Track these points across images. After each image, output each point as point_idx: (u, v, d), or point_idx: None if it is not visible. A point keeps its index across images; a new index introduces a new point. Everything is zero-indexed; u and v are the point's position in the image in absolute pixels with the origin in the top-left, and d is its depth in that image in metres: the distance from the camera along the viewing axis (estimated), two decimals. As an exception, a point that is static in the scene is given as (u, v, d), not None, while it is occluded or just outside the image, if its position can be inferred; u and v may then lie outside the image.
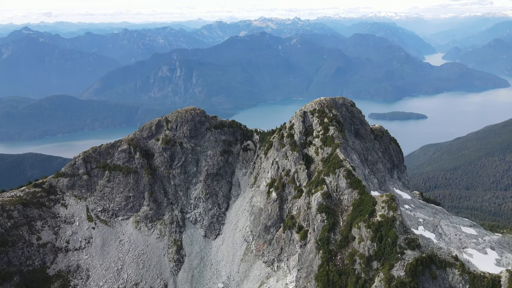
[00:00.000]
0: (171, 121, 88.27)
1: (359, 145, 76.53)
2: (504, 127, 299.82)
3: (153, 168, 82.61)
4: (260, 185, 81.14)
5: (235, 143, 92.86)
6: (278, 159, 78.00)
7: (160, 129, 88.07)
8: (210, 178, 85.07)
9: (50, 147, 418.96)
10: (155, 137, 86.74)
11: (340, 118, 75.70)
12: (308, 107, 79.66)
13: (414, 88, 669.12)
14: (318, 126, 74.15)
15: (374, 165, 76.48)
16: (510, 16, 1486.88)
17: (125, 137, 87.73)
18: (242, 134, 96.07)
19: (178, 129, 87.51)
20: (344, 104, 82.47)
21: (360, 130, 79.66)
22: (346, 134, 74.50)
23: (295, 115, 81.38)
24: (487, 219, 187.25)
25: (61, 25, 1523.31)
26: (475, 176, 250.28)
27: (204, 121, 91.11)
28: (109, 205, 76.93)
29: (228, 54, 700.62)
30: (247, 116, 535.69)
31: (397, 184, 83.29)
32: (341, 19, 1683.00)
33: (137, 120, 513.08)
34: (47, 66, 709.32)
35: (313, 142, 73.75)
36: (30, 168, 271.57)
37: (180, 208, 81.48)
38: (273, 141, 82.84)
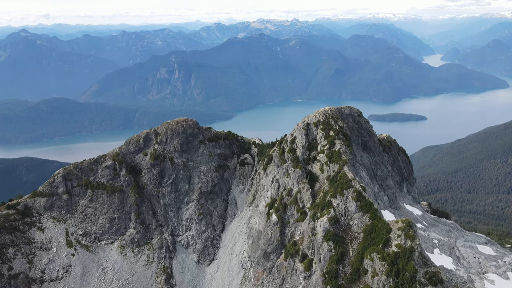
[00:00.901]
0: (161, 134, 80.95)
1: (368, 159, 69.99)
2: (506, 129, 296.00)
3: (141, 186, 75.54)
4: (258, 205, 74.27)
5: (231, 156, 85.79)
6: (279, 176, 71.26)
7: (148, 143, 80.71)
8: (204, 197, 77.96)
9: (47, 151, 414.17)
10: (143, 152, 79.37)
11: (347, 131, 69.01)
12: (311, 118, 72.60)
13: (413, 89, 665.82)
14: (323, 140, 67.63)
15: (384, 180, 70.09)
16: (508, 17, 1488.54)
17: (110, 152, 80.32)
18: (239, 146, 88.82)
19: (168, 142, 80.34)
20: (351, 114, 75.83)
21: (368, 143, 72.91)
22: (354, 148, 68.05)
23: (297, 127, 74.27)
24: (491, 223, 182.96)
25: (59, 27, 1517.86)
26: (477, 179, 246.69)
27: (197, 133, 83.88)
28: (92, 228, 69.84)
29: (227, 56, 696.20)
30: (246, 118, 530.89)
31: (407, 198, 77.32)
32: (340, 21, 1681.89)
33: (135, 122, 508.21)
34: (44, 69, 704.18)
35: (318, 158, 67.18)
36: (26, 172, 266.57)
37: (170, 230, 74.31)
38: (273, 155, 76.11)
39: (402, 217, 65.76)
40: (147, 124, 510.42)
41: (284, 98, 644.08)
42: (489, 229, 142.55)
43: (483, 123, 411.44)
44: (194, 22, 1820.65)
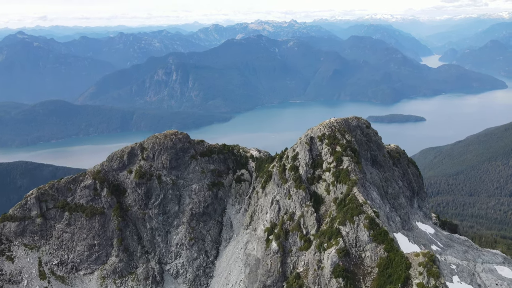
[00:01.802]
0: (147, 148, 73.25)
1: (377, 175, 63.26)
2: (506, 130, 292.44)
3: (124, 208, 67.91)
4: (256, 228, 66.69)
5: (226, 172, 77.85)
6: (279, 197, 63.77)
7: (133, 159, 72.98)
8: (196, 219, 70.20)
9: (43, 154, 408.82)
10: (127, 169, 71.82)
11: (355, 145, 61.85)
12: (315, 132, 65.06)
13: (412, 90, 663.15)
14: (329, 156, 60.60)
15: (396, 199, 63.63)
16: (505, 17, 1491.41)
17: (90, 169, 73.08)
18: (234, 161, 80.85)
19: (155, 158, 72.80)
20: (359, 126, 68.47)
21: (378, 157, 66.16)
22: (363, 164, 61.36)
23: (299, 141, 66.62)
24: (494, 227, 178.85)
25: (57, 29, 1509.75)
26: (478, 182, 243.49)
27: (188, 148, 76.21)
28: (68, 256, 62.36)
29: (225, 57, 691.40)
30: (244, 120, 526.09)
31: (418, 215, 70.95)
32: (338, 22, 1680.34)
33: (133, 125, 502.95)
34: (41, 71, 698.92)
35: (323, 177, 60.16)
36: (20, 177, 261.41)
37: (157, 258, 66.81)
38: (272, 172, 68.80)
39: (415, 239, 59.99)
40: (145, 126, 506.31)
41: (283, 99, 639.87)
42: (495, 237, 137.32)
43: (483, 124, 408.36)
44: (192, 23, 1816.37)
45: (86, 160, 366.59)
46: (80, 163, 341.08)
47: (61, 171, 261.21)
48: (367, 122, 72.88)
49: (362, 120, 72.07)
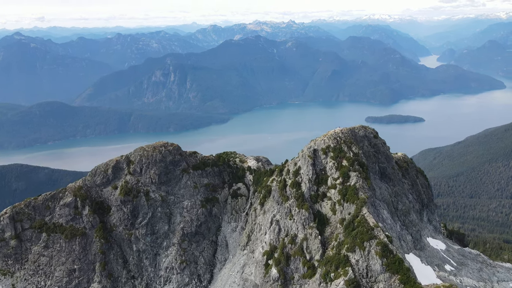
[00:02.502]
0: (134, 162, 67.26)
1: (387, 190, 58.44)
2: (506, 131, 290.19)
3: (108, 228, 61.95)
4: (254, 250, 60.80)
5: (221, 187, 71.91)
6: (280, 216, 58.17)
7: (119, 173, 67.11)
8: (188, 239, 64.06)
9: (40, 156, 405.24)
10: (111, 185, 66.09)
11: (363, 158, 56.85)
12: (319, 144, 59.50)
13: (411, 91, 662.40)
14: (335, 171, 55.46)
15: (406, 215, 58.95)
16: (503, 17, 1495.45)
17: (71, 185, 66.90)
18: (230, 173, 74.92)
19: (143, 173, 66.92)
20: (366, 136, 63.77)
21: (387, 169, 61.31)
22: (371, 179, 56.36)
23: (301, 154, 61.13)
24: (496, 231, 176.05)
25: (54, 30, 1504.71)
26: (478, 183, 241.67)
27: (179, 160, 70.12)
28: (45, 283, 56.55)
29: (223, 58, 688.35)
30: (242, 121, 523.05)
31: (428, 229, 66.16)
32: (336, 22, 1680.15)
33: (130, 126, 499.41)
34: (38, 72, 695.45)
35: (328, 195, 55.16)
36: (15, 180, 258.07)
37: (145, 283, 61.11)
38: (271, 187, 63.22)
39: (428, 259, 55.55)
40: (142, 127, 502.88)
41: (281, 100, 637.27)
42: (498, 241, 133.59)
43: (482, 125, 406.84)
44: (190, 24, 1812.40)
45: (83, 162, 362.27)
46: (77, 165, 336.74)
47: (57, 174, 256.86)
48: (374, 131, 68.11)
49: (369, 129, 67.15)
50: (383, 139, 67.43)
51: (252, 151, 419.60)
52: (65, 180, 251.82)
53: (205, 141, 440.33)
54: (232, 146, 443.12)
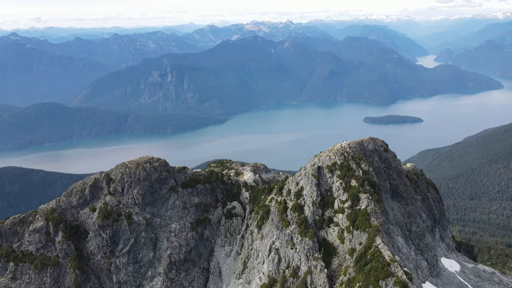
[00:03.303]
0: (115, 180, 60.06)
1: (399, 210, 53.24)
2: (506, 132, 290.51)
3: (85, 257, 55.04)
4: (251, 281, 54.35)
5: (214, 206, 64.60)
6: (280, 244, 51.66)
7: (97, 193, 59.82)
8: (176, 268, 56.61)
9: (35, 157, 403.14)
10: (89, 206, 58.72)
11: (374, 177, 50.68)
12: (324, 160, 52.88)
13: (409, 91, 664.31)
14: (342, 192, 49.23)
15: (421, 238, 53.73)
16: (500, 17, 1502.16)
17: (42, 207, 59.88)
18: (224, 190, 67.42)
19: (125, 192, 59.38)
20: (376, 150, 57.63)
21: (399, 187, 55.51)
22: (383, 200, 50.71)
23: (304, 173, 54.20)
24: (497, 234, 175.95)
25: (51, 30, 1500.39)
26: (479, 185, 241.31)
27: (166, 178, 62.69)
28: None
29: (220, 59, 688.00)
30: (240, 122, 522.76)
31: (441, 247, 60.32)
32: (333, 22, 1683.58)
33: (127, 127, 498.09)
34: (35, 73, 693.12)
35: (335, 220, 49.02)
36: (9, 183, 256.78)
37: None
38: (270, 207, 56.70)
39: (445, 286, 50.98)
40: (139, 128, 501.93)
41: (279, 100, 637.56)
42: (501, 246, 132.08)
43: (480, 125, 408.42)
44: (188, 24, 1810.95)
45: (79, 164, 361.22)
46: (73, 167, 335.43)
47: (51, 177, 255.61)
48: (384, 144, 61.82)
49: (378, 141, 60.75)
50: (393, 152, 61.72)
51: (249, 152, 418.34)
52: (60, 183, 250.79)
53: (203, 142, 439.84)
54: (230, 147, 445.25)
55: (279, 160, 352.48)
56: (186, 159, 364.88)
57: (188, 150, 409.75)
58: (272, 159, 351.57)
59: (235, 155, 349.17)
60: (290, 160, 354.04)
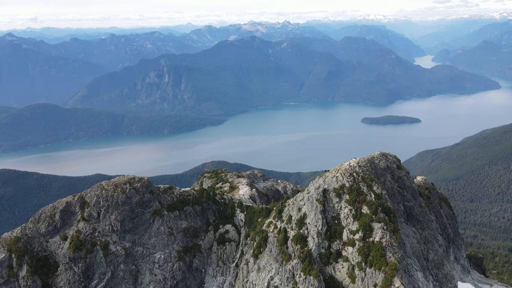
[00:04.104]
0: (90, 204, 52.48)
1: (415, 236, 46.69)
2: (505, 133, 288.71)
3: None
4: None
5: (205, 230, 57.03)
6: (279, 281, 45.28)
7: (69, 219, 52.09)
8: None
9: (30, 159, 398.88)
10: (60, 234, 51.29)
11: (387, 202, 44.04)
12: (330, 182, 45.97)
13: (406, 91, 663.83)
14: (352, 221, 42.77)
15: (440, 268, 48.12)
16: (497, 18, 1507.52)
17: (5, 236, 52.28)
18: (217, 212, 59.65)
19: (101, 218, 51.65)
20: (388, 168, 50.63)
21: (414, 209, 48.87)
22: (399, 227, 43.71)
23: (306, 196, 47.16)
24: (498, 237, 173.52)
25: (48, 31, 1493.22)
26: (479, 187, 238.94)
27: (149, 200, 54.44)
28: None
29: (218, 59, 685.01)
30: (238, 123, 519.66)
31: (456, 270, 54.34)
32: (331, 22, 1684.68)
33: (124, 128, 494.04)
34: (30, 73, 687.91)
35: (344, 254, 42.61)
36: (3, 186, 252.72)
37: None
38: (267, 233, 50.05)
39: None
40: (136, 129, 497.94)
41: (277, 101, 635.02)
42: (506, 251, 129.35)
43: (478, 126, 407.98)
44: (185, 25, 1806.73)
45: (75, 166, 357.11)
46: (68, 169, 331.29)
47: (46, 179, 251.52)
48: (396, 160, 54.22)
49: (390, 157, 52.89)
50: (406, 168, 54.29)
51: (247, 154, 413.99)
52: (55, 185, 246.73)
53: (200, 143, 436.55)
54: (227, 148, 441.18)
55: (277, 161, 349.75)
56: (183, 161, 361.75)
57: (185, 152, 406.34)
58: (270, 161, 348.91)
59: (233, 157, 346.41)
60: (288, 162, 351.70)
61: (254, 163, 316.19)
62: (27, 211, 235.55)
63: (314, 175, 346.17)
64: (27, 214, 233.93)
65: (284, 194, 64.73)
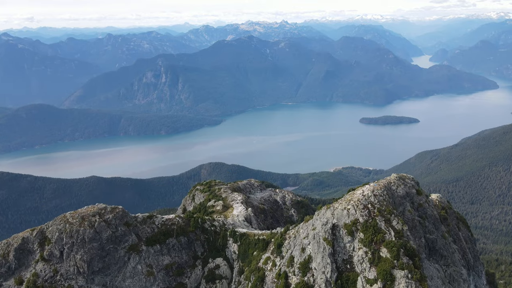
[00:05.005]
0: (51, 240, 43.83)
1: (439, 275, 38.72)
2: (505, 134, 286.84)
3: None
4: None
5: (191, 265, 47.97)
6: None
7: (26, 259, 44.08)
8: None
9: (25, 161, 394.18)
10: (15, 277, 43.17)
11: (410, 240, 36.03)
12: (340, 216, 37.78)
13: (404, 91, 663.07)
14: (369, 267, 34.57)
15: None
16: (494, 17, 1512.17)
17: None
18: (206, 243, 50.01)
19: (65, 258, 43.20)
20: (407, 195, 41.97)
21: (437, 242, 40.65)
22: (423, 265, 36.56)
23: (312, 233, 39.21)
24: (500, 241, 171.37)
25: (44, 31, 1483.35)
26: (479, 189, 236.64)
27: (123, 234, 45.63)
28: None
29: (215, 59, 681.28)
30: (235, 123, 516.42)
31: None
32: (328, 22, 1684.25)
33: (120, 129, 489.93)
34: (26, 73, 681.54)
35: None
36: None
37: None
38: (264, 272, 42.46)
39: None
40: (133, 130, 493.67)
41: (274, 101, 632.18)
42: (507, 256, 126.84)
43: (477, 126, 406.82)
44: (183, 24, 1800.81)
45: (70, 168, 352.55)
46: (63, 171, 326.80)
47: (40, 182, 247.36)
48: (415, 183, 44.68)
49: (408, 181, 43.71)
50: (426, 192, 45.74)
51: (245, 155, 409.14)
52: (49, 188, 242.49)
53: (198, 144, 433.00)
54: (225, 149, 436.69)
55: (275, 162, 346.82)
56: (180, 162, 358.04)
57: (182, 153, 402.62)
58: (268, 162, 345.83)
59: (230, 158, 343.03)
60: (286, 162, 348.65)
61: (252, 164, 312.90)
62: (21, 214, 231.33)
63: (313, 176, 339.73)
64: (21, 217, 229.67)
65: (283, 205, 60.34)
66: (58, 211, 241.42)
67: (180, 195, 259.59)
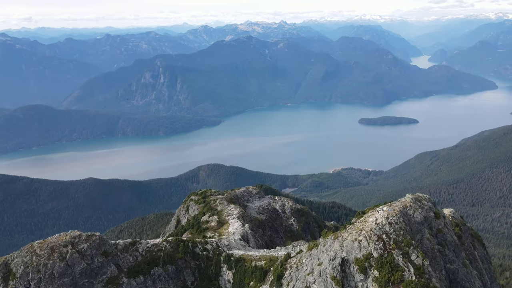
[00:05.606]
0: (16, 274, 37.90)
1: None
2: (506, 135, 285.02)
3: None
4: None
5: None
6: None
7: None
8: None
9: (22, 162, 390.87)
10: None
11: (431, 278, 30.43)
12: (350, 248, 32.17)
13: (403, 92, 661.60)
14: None
15: None
16: (492, 18, 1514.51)
17: None
18: (197, 271, 43.84)
19: None
20: (426, 220, 35.91)
21: (459, 272, 35.70)
22: None
23: (317, 269, 34.18)
24: (502, 244, 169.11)
25: (42, 31, 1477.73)
26: (480, 191, 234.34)
27: (101, 265, 39.59)
28: None
29: (214, 59, 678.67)
30: (234, 124, 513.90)
31: None
32: (327, 22, 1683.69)
33: (119, 129, 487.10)
34: (24, 74, 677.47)
35: None
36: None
37: None
38: None
39: None
40: (131, 131, 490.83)
41: (273, 102, 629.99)
42: (509, 259, 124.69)
43: (476, 126, 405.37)
44: (181, 25, 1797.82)
45: (67, 169, 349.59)
46: (60, 173, 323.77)
47: (36, 184, 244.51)
48: (432, 204, 38.37)
49: (425, 202, 37.57)
50: (443, 212, 39.58)
51: (243, 155, 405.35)
52: (45, 190, 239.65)
53: (196, 145, 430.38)
54: (223, 150, 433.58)
55: (274, 163, 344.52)
56: (178, 163, 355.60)
57: (180, 154, 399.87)
58: (267, 163, 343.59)
59: (229, 159, 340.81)
60: (285, 163, 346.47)
61: (250, 166, 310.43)
62: (17, 217, 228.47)
63: (312, 177, 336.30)
64: (17, 220, 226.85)
65: (283, 214, 57.70)
66: (55, 214, 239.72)
67: (178, 197, 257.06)
